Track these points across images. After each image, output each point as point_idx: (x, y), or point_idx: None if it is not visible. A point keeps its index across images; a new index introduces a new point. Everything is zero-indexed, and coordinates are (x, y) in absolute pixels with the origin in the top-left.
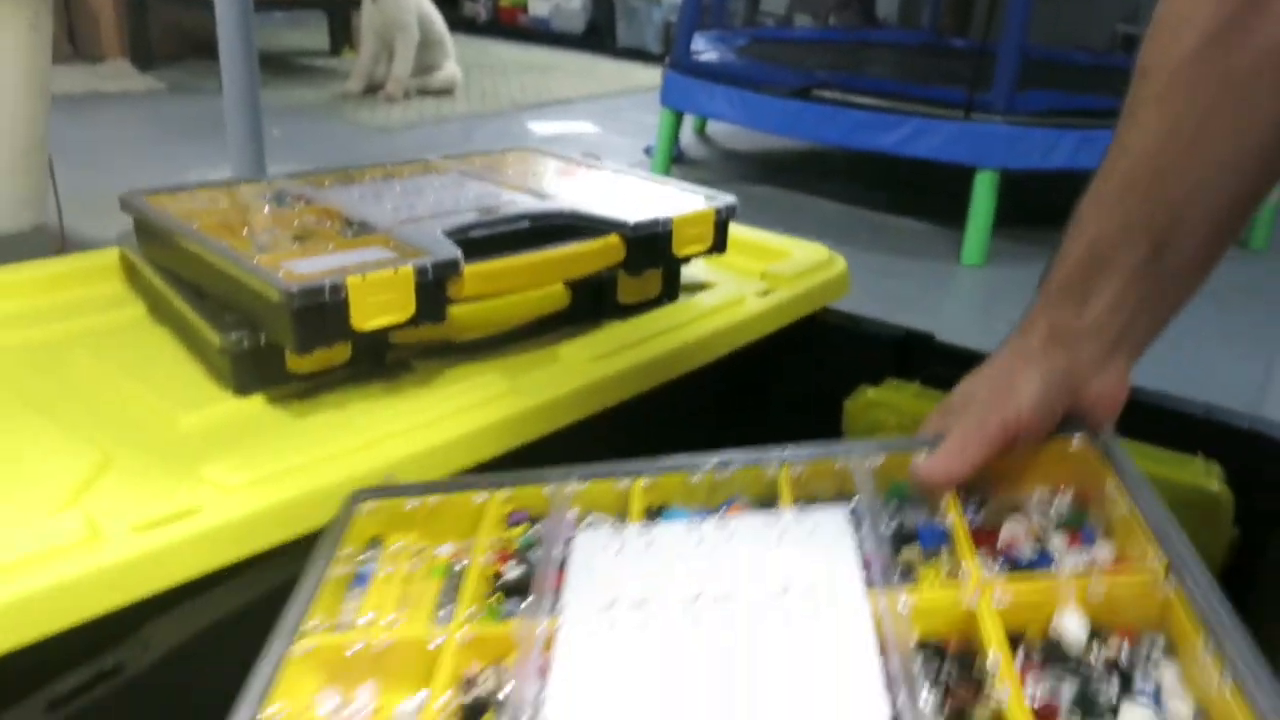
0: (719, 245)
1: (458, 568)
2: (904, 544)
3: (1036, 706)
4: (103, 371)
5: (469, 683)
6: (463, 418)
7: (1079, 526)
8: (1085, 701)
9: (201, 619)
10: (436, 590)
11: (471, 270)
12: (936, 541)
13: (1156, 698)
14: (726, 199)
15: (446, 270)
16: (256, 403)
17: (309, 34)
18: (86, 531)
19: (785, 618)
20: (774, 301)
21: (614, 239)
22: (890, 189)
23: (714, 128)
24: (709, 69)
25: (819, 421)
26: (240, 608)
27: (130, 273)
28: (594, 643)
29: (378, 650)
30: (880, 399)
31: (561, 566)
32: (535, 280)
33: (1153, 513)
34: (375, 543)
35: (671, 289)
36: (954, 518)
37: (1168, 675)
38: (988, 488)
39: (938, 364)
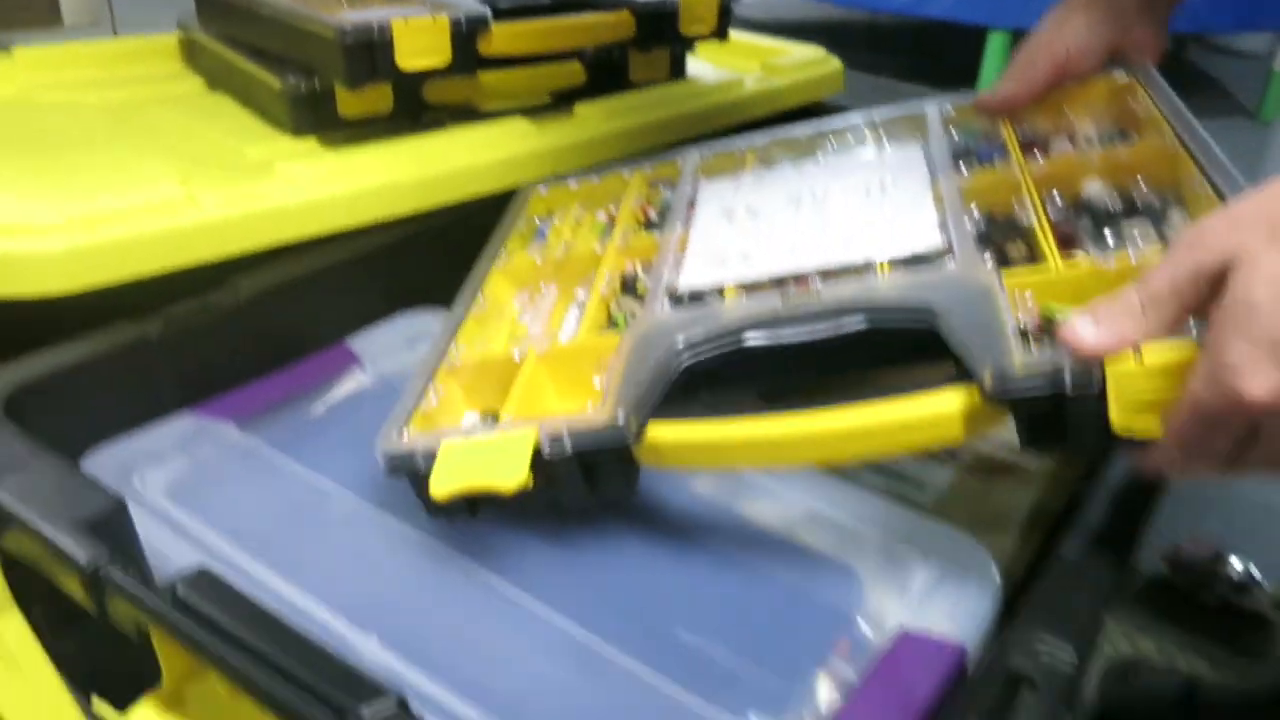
0: (722, 31)
1: (613, 217)
2: (964, 158)
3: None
4: (174, 122)
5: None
6: (493, 148)
7: (1119, 141)
8: (1099, 224)
9: (279, 277)
10: (599, 233)
11: (499, 28)
12: (991, 154)
13: (1158, 221)
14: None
15: (477, 24)
16: (311, 141)
17: None
18: (186, 195)
19: (865, 200)
20: (771, 86)
21: (625, 13)
22: (906, 57)
23: None
24: None
25: None
26: (309, 273)
27: (189, 52)
28: (717, 234)
29: (556, 259)
30: None
31: (692, 204)
32: (554, 42)
33: (1171, 106)
34: (549, 214)
35: (679, 71)
36: (1007, 133)
37: (1173, 211)
38: (1040, 120)
39: None
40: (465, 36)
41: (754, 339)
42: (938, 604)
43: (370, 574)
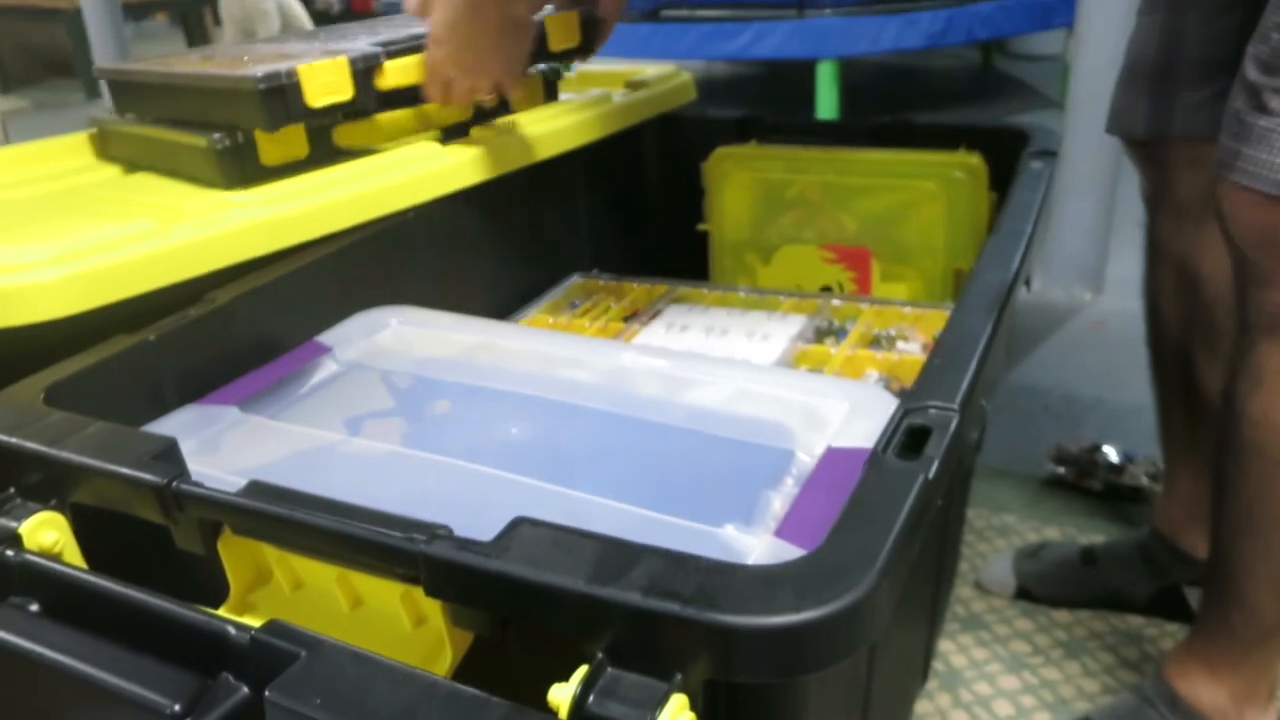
0: (587, 47)
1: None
2: None
3: None
4: (107, 198)
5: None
6: (405, 167)
7: None
8: None
9: (247, 286)
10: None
11: (390, 64)
12: None
13: None
14: (589, 8)
15: (372, 60)
16: (242, 193)
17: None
18: (158, 227)
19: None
20: (636, 99)
21: None
22: (771, 104)
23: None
24: None
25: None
26: (273, 281)
27: (103, 143)
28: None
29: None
30: (729, 153)
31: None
32: None
33: None
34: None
35: (552, 95)
36: None
37: None
38: None
39: (769, 132)
40: (363, 72)
41: None
42: (853, 429)
43: (379, 480)
